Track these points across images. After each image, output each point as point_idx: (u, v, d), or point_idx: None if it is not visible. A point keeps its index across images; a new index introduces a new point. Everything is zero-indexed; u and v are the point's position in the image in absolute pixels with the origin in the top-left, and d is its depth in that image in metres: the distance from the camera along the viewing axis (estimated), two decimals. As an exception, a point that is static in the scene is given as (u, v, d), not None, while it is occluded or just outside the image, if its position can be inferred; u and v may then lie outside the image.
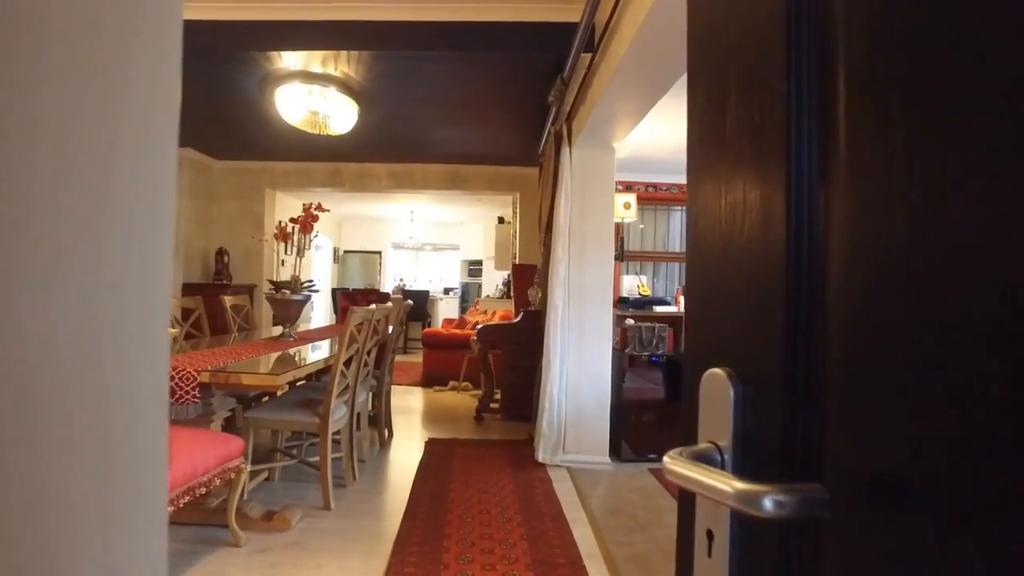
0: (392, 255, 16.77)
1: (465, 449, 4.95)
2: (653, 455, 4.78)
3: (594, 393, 4.58)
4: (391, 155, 7.26)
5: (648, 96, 3.49)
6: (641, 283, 5.53)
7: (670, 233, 7.44)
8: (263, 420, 3.51)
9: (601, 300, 4.59)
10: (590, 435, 4.58)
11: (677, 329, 5.19)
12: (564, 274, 4.49)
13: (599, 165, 4.58)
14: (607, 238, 4.60)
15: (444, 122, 5.83)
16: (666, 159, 6.28)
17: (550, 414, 4.47)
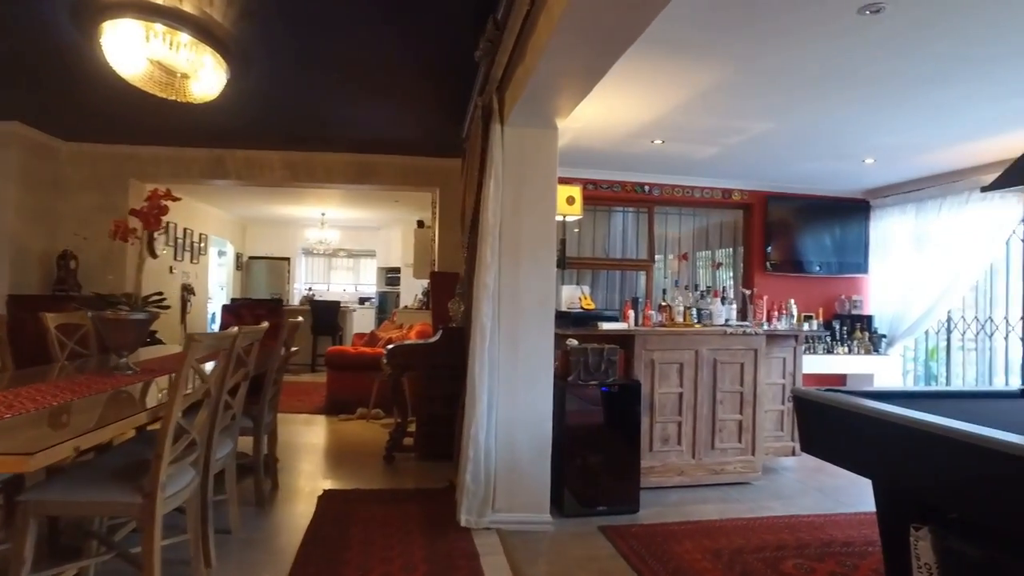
0: (303, 262, 15.38)
1: (368, 506, 3.89)
2: (603, 507, 3.88)
3: (532, 435, 3.63)
4: (286, 140, 6.11)
5: (604, 49, 2.59)
6: (583, 294, 4.66)
7: (611, 236, 6.62)
8: (51, 503, 2.36)
9: (540, 317, 3.66)
10: (527, 487, 3.63)
11: (628, 350, 4.32)
12: (493, 284, 3.53)
13: (539, 147, 3.66)
14: (548, 239, 3.68)
15: (345, 94, 4.77)
16: (610, 151, 5.44)
17: (476, 465, 3.49)
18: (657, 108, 4.23)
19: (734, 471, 4.48)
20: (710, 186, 6.52)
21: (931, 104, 3.99)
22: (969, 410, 2.82)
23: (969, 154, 5.19)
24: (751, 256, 6.71)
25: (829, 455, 2.90)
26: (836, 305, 6.84)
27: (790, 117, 4.34)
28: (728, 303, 4.83)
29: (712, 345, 4.43)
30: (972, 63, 3.34)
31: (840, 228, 6.76)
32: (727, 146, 5.12)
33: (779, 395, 4.90)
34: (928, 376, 6.69)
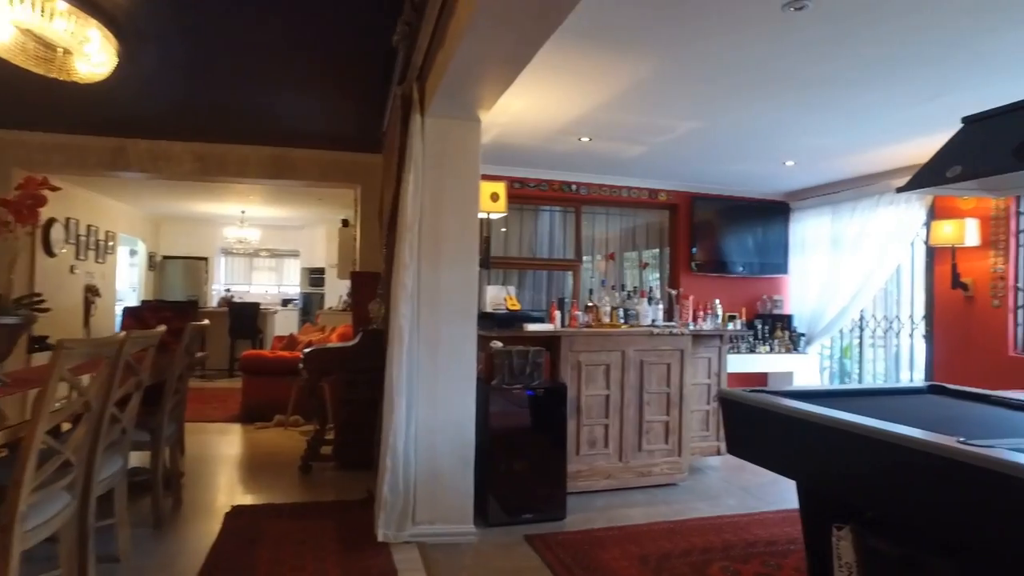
0: (222, 262, 14.66)
1: (280, 522, 3.63)
2: (529, 514, 3.75)
3: (454, 442, 3.46)
4: (195, 131, 5.71)
5: (526, 36, 2.45)
6: (509, 295, 4.52)
7: (538, 236, 6.52)
8: None
9: (463, 318, 3.49)
10: (449, 497, 3.45)
11: (554, 352, 4.21)
12: (412, 284, 3.34)
13: (461, 140, 3.50)
14: (470, 237, 3.52)
15: (258, 82, 4.48)
16: (537, 149, 5.34)
17: (394, 476, 3.29)
18: (584, 104, 4.14)
19: (661, 473, 4.44)
20: (637, 186, 6.52)
21: (850, 107, 4.07)
22: (882, 407, 2.83)
23: (881, 158, 5.36)
24: (677, 256, 6.75)
25: (755, 457, 2.86)
26: (758, 305, 6.98)
27: (716, 117, 4.34)
28: (655, 303, 4.80)
29: (639, 346, 4.38)
30: (889, 67, 3.40)
31: (762, 229, 6.90)
32: (654, 145, 5.10)
33: (704, 395, 4.91)
34: (843, 373, 6.91)
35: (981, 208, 5.12)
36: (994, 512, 1.77)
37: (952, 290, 5.25)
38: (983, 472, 1.76)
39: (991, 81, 3.48)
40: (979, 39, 3.03)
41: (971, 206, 5.19)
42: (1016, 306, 4.94)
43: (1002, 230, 4.98)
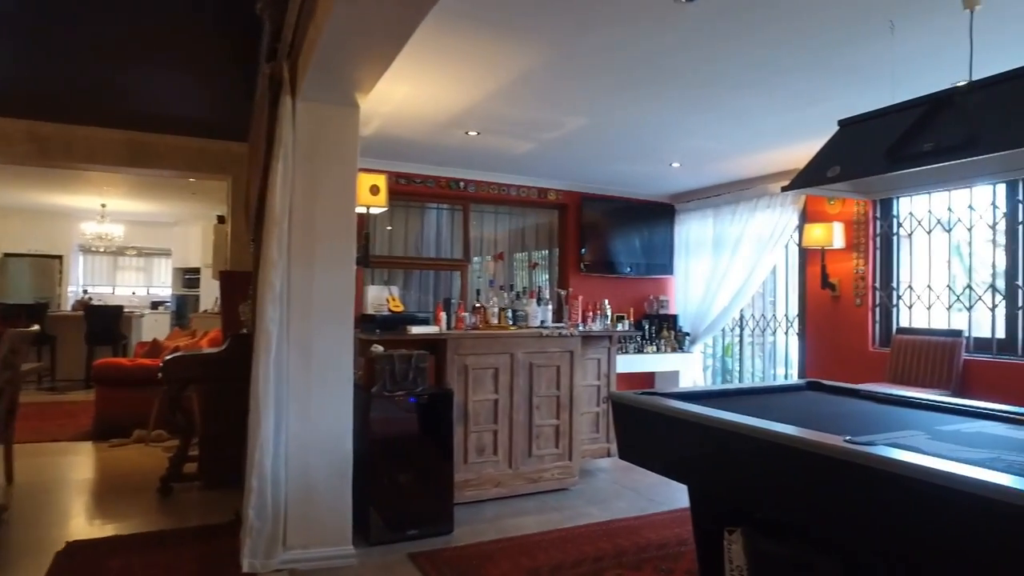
0: (80, 260, 13.26)
1: (128, 557, 3.18)
2: (414, 530, 3.51)
3: (330, 456, 3.16)
4: (31, 107, 5.01)
5: (403, 10, 2.23)
6: (391, 296, 4.26)
7: (425, 234, 6.28)
8: None
9: (338, 321, 3.20)
10: (325, 517, 3.15)
11: (440, 355, 4.00)
12: (281, 284, 3.02)
13: (338, 127, 3.21)
14: (347, 232, 3.24)
15: (112, 54, 3.95)
16: (424, 142, 5.10)
17: (260, 497, 2.95)
18: (471, 94, 3.95)
19: (552, 478, 4.33)
20: (527, 184, 6.42)
21: (734, 110, 4.13)
22: (765, 406, 2.84)
23: (760, 163, 5.55)
24: (566, 257, 6.73)
25: (645, 461, 2.79)
26: (645, 305, 7.09)
27: (604, 114, 4.29)
28: (544, 304, 4.70)
29: (528, 348, 4.25)
30: (773, 70, 3.46)
31: (648, 231, 7.01)
32: (543, 142, 5.01)
33: (595, 396, 4.86)
34: (724, 371, 7.16)
35: (845, 212, 5.42)
36: (880, 509, 1.74)
37: (822, 290, 5.53)
38: (872, 471, 1.73)
39: (864, 91, 3.62)
40: (853, 47, 3.13)
41: (837, 210, 5.49)
42: (874, 304, 5.26)
43: (863, 233, 5.29)
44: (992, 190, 4.55)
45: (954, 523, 1.55)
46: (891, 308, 5.20)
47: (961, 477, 1.49)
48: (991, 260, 4.57)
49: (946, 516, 1.56)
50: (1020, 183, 4.39)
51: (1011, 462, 1.83)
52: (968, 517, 1.50)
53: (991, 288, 4.54)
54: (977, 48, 2.46)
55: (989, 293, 4.55)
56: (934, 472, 1.57)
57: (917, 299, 5.04)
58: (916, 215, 5.03)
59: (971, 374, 4.48)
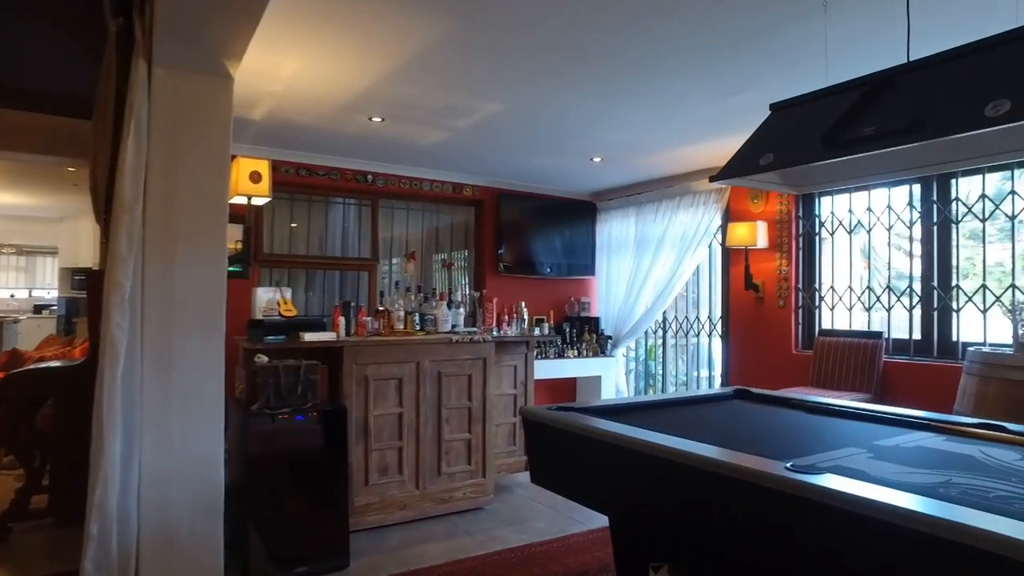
0: (-60, 258, 11.89)
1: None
2: (303, 567, 3.06)
3: (196, 489, 2.67)
4: None
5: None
6: (283, 298, 3.77)
7: (330, 232, 5.77)
8: None
9: (207, 328, 2.71)
10: (189, 562, 2.65)
11: (335, 365, 3.56)
12: (129, 284, 2.50)
13: (206, 101, 2.71)
14: (217, 225, 2.75)
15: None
16: (324, 129, 4.62)
17: (102, 546, 2.42)
18: (372, 72, 3.52)
19: (464, 497, 3.96)
20: (440, 179, 6.02)
21: (659, 98, 3.87)
22: (693, 420, 2.59)
23: (683, 159, 5.37)
24: (483, 257, 6.37)
25: (560, 487, 2.46)
26: (566, 307, 6.82)
27: (521, 99, 3.93)
28: (455, 307, 4.32)
29: (437, 356, 3.86)
30: (699, 54, 3.20)
31: (569, 230, 6.76)
32: (455, 131, 4.62)
33: (511, 406, 4.52)
34: (647, 374, 6.99)
35: (768, 211, 5.31)
36: (828, 546, 1.47)
37: (745, 291, 5.40)
38: (820, 506, 1.46)
39: (796, 76, 3.39)
40: (785, 28, 2.91)
41: (760, 209, 5.38)
42: (797, 306, 5.17)
43: (785, 233, 5.19)
44: (908, 191, 4.52)
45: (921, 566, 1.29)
46: (814, 310, 5.12)
47: (946, 522, 1.22)
48: (908, 261, 4.53)
49: (912, 559, 1.30)
50: (934, 183, 4.37)
51: (964, 487, 1.67)
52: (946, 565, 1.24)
53: (909, 289, 4.50)
54: (914, 28, 2.27)
55: (907, 295, 4.51)
56: (903, 512, 1.30)
57: (839, 300, 4.97)
58: (837, 215, 4.97)
59: (890, 376, 4.42)
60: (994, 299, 4.06)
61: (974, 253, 4.25)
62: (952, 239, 4.31)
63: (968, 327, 4.22)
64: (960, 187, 4.27)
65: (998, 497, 1.58)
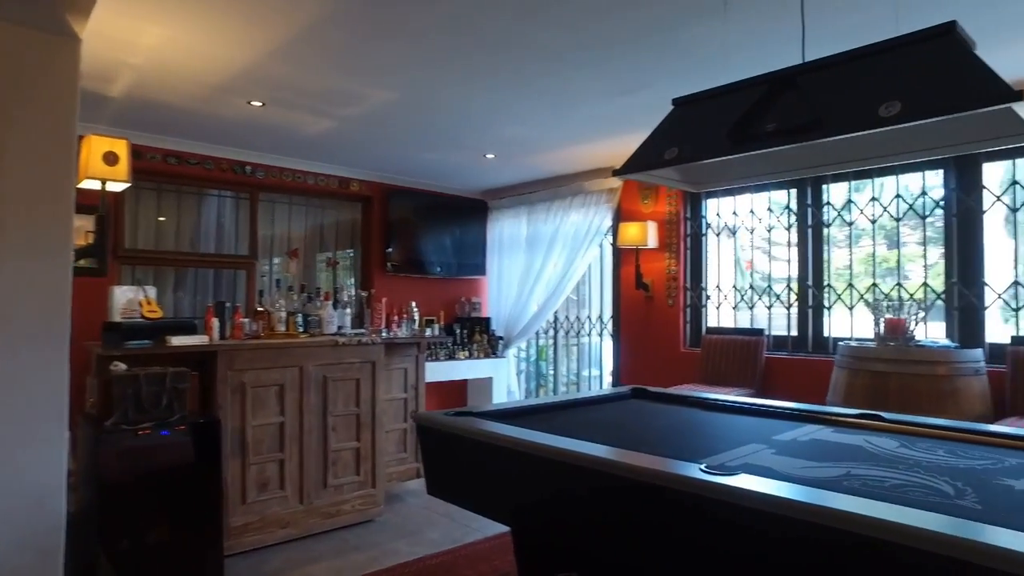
0: None
1: None
2: (165, 602, 2.71)
3: (30, 525, 2.27)
4: None
5: None
6: (146, 298, 3.35)
7: (203, 227, 5.28)
8: None
9: (44, 333, 2.31)
10: (18, 608, 2.25)
11: (208, 372, 3.21)
12: (-58, 281, 2.09)
13: (45, 64, 2.32)
14: (58, 213, 2.36)
15: None
16: (196, 112, 4.19)
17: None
18: (250, 48, 3.19)
19: (353, 510, 3.70)
20: (326, 172, 5.69)
21: (556, 93, 3.80)
22: (594, 421, 2.52)
23: (575, 158, 5.37)
24: (371, 255, 6.08)
25: (458, 498, 2.31)
26: (457, 308, 6.67)
27: (413, 88, 3.72)
28: (342, 307, 4.05)
29: (322, 359, 3.59)
30: (599, 48, 3.14)
31: (460, 228, 6.61)
32: (343, 120, 4.33)
33: (401, 411, 4.31)
34: (539, 375, 6.97)
35: (658, 212, 5.43)
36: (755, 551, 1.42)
37: (636, 290, 5.49)
38: (742, 509, 1.40)
39: (695, 75, 3.40)
40: (686, 25, 2.91)
41: (650, 209, 5.48)
42: (685, 305, 5.32)
43: (674, 233, 5.32)
44: (786, 195, 4.75)
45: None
46: (701, 308, 5.28)
47: (881, 522, 1.18)
48: (786, 261, 4.77)
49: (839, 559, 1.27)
50: (808, 187, 4.62)
51: (864, 478, 1.72)
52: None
53: (787, 288, 4.74)
54: (809, 32, 2.32)
55: (785, 293, 4.74)
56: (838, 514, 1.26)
57: (724, 299, 5.16)
58: (722, 216, 5.15)
59: (771, 371, 4.62)
60: (859, 297, 4.35)
61: (843, 254, 4.53)
62: (824, 241, 4.57)
63: (839, 324, 4.50)
64: (831, 192, 4.54)
65: (894, 486, 1.61)
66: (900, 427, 2.32)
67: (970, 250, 3.98)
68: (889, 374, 3.52)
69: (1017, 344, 3.68)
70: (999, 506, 1.46)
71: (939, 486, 1.62)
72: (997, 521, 1.22)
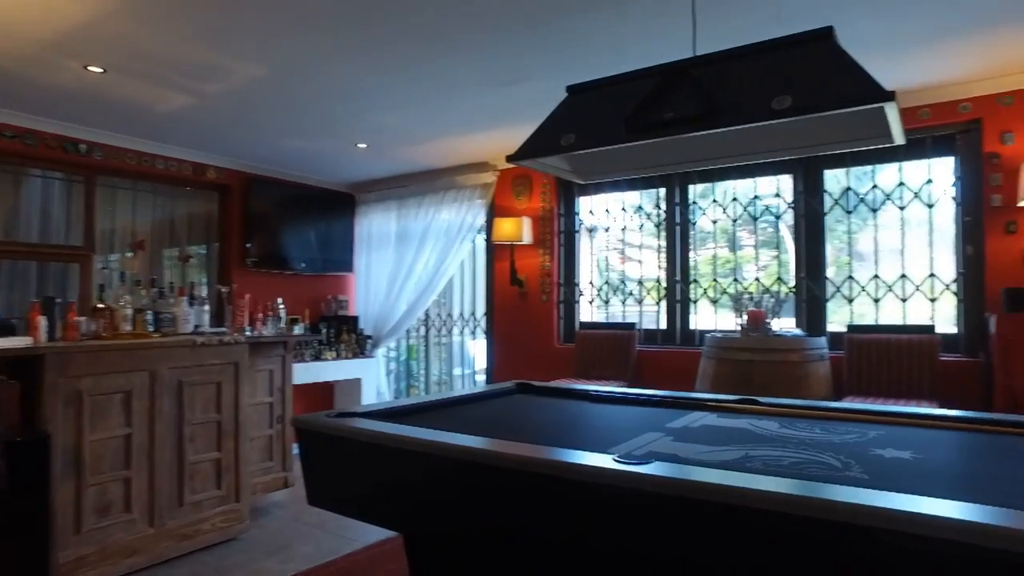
0: None
1: None
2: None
3: None
4: None
5: None
6: (-49, 293, 2.81)
7: (23, 212, 4.57)
8: None
9: None
10: None
11: (36, 379, 2.74)
12: None
13: None
14: None
15: None
16: (16, 76, 3.61)
17: None
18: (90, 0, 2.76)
19: (214, 528, 3.34)
20: (179, 157, 5.13)
21: (436, 80, 3.65)
22: (482, 418, 2.44)
23: (455, 150, 5.26)
24: (229, 248, 5.59)
25: (344, 506, 2.12)
26: (323, 306, 6.32)
27: (286, 64, 3.39)
28: (199, 304, 3.66)
29: (178, 361, 3.20)
30: (480, 31, 3.05)
31: (326, 223, 6.27)
32: (202, 97, 3.90)
33: (267, 416, 3.98)
34: (409, 375, 6.78)
35: (532, 208, 5.45)
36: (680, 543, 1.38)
37: (511, 286, 5.48)
38: (681, 501, 1.36)
39: (587, 66, 3.36)
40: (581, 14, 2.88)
41: (525, 205, 5.50)
42: (558, 301, 5.39)
43: (548, 229, 5.37)
44: (655, 193, 4.96)
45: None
46: (574, 303, 5.37)
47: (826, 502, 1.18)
48: (656, 258, 4.98)
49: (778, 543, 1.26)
50: (676, 187, 4.84)
51: (763, 458, 1.77)
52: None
53: (656, 283, 4.94)
54: (700, 28, 2.39)
55: (655, 288, 4.94)
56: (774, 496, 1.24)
57: (597, 294, 5.28)
58: (595, 213, 5.27)
59: (642, 363, 4.79)
60: (721, 291, 4.63)
61: (707, 252, 4.80)
62: (689, 239, 4.82)
63: (703, 317, 4.76)
64: (696, 192, 4.80)
65: (792, 463, 1.67)
66: (776, 410, 2.45)
67: (815, 248, 4.36)
68: (753, 362, 3.76)
69: (852, 332, 4.08)
70: (881, 474, 1.55)
71: (829, 461, 1.70)
72: (885, 488, 1.28)
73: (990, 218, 3.77)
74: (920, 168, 4.08)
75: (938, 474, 1.60)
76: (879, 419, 2.25)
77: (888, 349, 3.92)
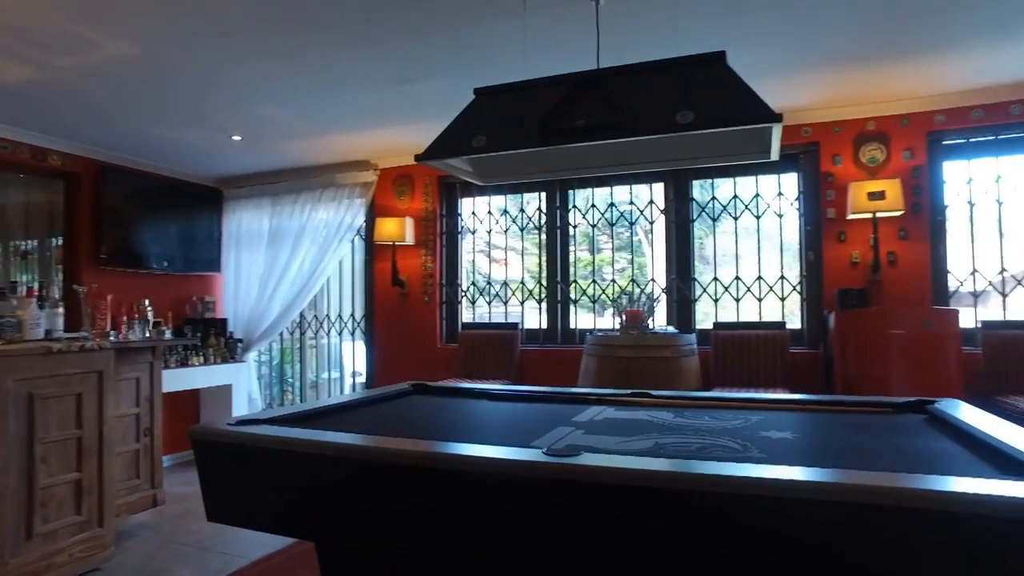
0: None
1: None
2: None
3: None
4: None
5: None
6: None
7: None
8: None
9: None
10: None
11: None
12: None
13: None
14: None
15: None
16: None
17: None
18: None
19: (72, 560, 2.98)
20: (14, 138, 4.52)
21: (326, 72, 3.51)
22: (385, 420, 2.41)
23: (329, 148, 5.10)
24: (79, 245, 5.02)
25: (255, 519, 2.01)
26: (188, 308, 5.86)
27: (160, 38, 3.08)
28: (52, 306, 3.28)
29: (27, 372, 2.83)
30: (379, 22, 2.97)
31: (189, 219, 5.82)
32: (51, 70, 3.43)
33: (132, 430, 3.64)
34: (283, 379, 6.46)
35: (414, 208, 5.41)
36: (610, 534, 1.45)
37: (392, 287, 5.39)
38: (617, 489, 1.41)
39: (478, 77, 3.37)
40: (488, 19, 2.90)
41: (407, 206, 5.44)
42: (441, 302, 5.38)
43: (431, 230, 5.35)
44: (539, 196, 5.11)
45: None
46: (456, 304, 5.39)
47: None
48: (538, 259, 5.13)
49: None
50: (557, 192, 5.02)
51: (673, 445, 1.87)
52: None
53: (538, 285, 5.09)
54: (604, 40, 2.50)
55: (537, 288, 5.09)
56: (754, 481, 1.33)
57: (480, 295, 5.34)
58: (478, 214, 5.33)
59: (526, 362, 4.91)
60: (600, 292, 4.87)
61: (585, 254, 5.03)
62: (569, 241, 5.02)
63: (584, 317, 4.97)
64: (576, 197, 5.01)
65: (699, 448, 1.80)
66: (667, 401, 2.63)
67: (684, 251, 4.71)
68: (632, 358, 3.98)
69: (718, 329, 4.45)
70: (775, 453, 1.72)
71: (729, 444, 1.85)
72: (788, 464, 1.43)
73: (827, 228, 4.29)
74: (771, 182, 4.55)
75: (821, 449, 1.82)
76: (755, 405, 2.48)
77: (747, 343, 4.33)
